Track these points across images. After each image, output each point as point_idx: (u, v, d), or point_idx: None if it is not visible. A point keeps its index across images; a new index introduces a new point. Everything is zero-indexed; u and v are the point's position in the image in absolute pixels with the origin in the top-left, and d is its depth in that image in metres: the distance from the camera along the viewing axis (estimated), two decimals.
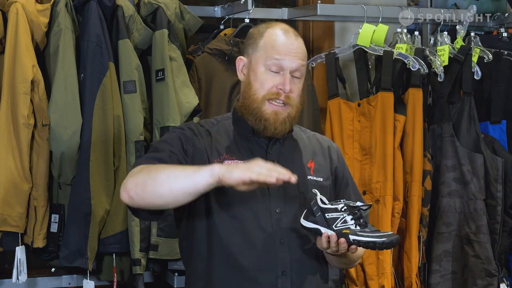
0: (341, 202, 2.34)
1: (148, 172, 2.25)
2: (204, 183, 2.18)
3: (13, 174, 3.11)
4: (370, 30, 3.64)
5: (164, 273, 3.44)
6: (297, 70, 2.42)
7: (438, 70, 3.65)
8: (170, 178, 2.21)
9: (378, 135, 3.55)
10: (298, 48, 2.44)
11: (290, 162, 2.46)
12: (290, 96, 2.40)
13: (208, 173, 2.17)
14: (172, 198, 2.23)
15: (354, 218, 2.32)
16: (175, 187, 2.20)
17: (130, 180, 2.27)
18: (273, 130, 2.41)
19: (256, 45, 2.44)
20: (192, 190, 2.20)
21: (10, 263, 3.23)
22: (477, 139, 3.64)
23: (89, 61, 3.17)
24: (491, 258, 3.60)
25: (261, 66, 2.41)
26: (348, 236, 2.29)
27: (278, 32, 2.44)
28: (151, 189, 2.22)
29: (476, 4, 3.97)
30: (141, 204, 2.27)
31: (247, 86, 2.44)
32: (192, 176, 2.19)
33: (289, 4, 4.14)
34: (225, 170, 2.15)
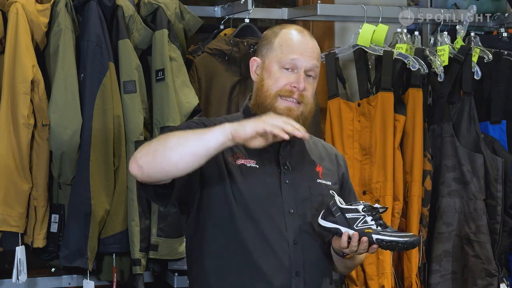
0: (361, 203, 2.38)
1: (157, 140, 2.24)
2: (215, 142, 2.17)
3: (13, 174, 3.11)
4: (370, 30, 3.64)
5: (164, 273, 3.44)
6: (312, 70, 2.42)
7: (438, 70, 3.65)
8: (180, 141, 2.19)
9: (378, 135, 3.55)
10: (314, 48, 2.44)
11: (301, 165, 2.47)
12: (304, 94, 2.39)
13: (220, 132, 2.16)
14: (183, 163, 2.19)
15: (374, 219, 2.35)
16: (186, 150, 2.18)
17: (140, 149, 2.26)
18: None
19: (271, 45, 2.43)
20: (203, 151, 2.18)
21: (10, 263, 3.23)
22: (477, 139, 3.64)
23: (89, 61, 3.17)
24: (491, 258, 3.60)
25: (275, 65, 2.41)
26: (371, 235, 2.33)
27: (293, 32, 2.44)
28: (161, 154, 2.19)
29: (476, 4, 3.97)
30: (151, 174, 2.23)
31: (260, 84, 2.43)
32: (203, 136, 2.18)
33: (289, 4, 4.14)
34: (237, 126, 2.15)
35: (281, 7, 3.94)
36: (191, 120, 2.54)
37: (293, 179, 2.43)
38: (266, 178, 2.40)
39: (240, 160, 2.39)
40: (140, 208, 3.21)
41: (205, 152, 2.19)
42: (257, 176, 2.39)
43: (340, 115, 3.61)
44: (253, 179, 2.38)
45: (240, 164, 2.39)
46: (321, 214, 2.40)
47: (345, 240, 2.34)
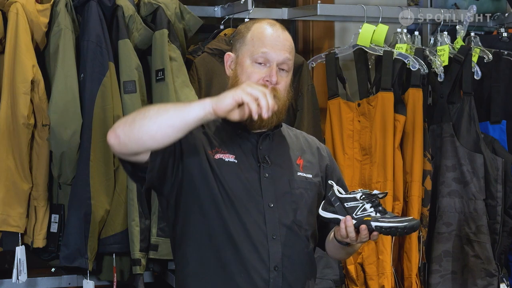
0: (359, 191, 2.38)
1: (137, 112, 2.25)
2: (194, 116, 2.18)
3: (13, 174, 3.11)
4: (370, 30, 3.64)
5: (164, 273, 3.44)
6: (284, 63, 2.41)
7: (438, 70, 3.66)
8: (160, 112, 2.19)
9: (378, 135, 3.55)
10: (285, 41, 2.43)
11: (281, 158, 2.47)
12: (276, 88, 2.39)
13: (200, 107, 2.18)
14: (161, 133, 2.20)
15: (373, 206, 2.36)
16: (165, 121, 2.19)
17: (119, 122, 2.26)
18: (259, 123, 2.39)
19: (244, 40, 2.45)
20: (182, 124, 2.19)
21: (10, 263, 3.24)
22: (477, 139, 3.64)
23: (89, 61, 3.17)
24: (491, 258, 3.60)
25: (248, 59, 2.41)
26: (370, 223, 2.33)
27: (264, 26, 2.44)
28: (139, 124, 2.20)
29: (476, 4, 3.97)
30: (127, 144, 2.23)
31: (234, 80, 2.43)
32: (183, 109, 2.19)
33: (289, 4, 4.14)
34: (216, 99, 2.17)
35: (281, 7, 3.94)
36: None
37: (272, 173, 2.43)
38: (245, 173, 2.40)
39: (218, 155, 2.40)
40: (140, 208, 3.21)
41: (184, 125, 2.20)
42: (236, 171, 2.39)
43: (340, 115, 3.62)
44: (231, 174, 2.38)
45: (218, 159, 2.39)
46: (321, 205, 2.41)
47: (343, 228, 2.34)
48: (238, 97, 2.17)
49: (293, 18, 3.89)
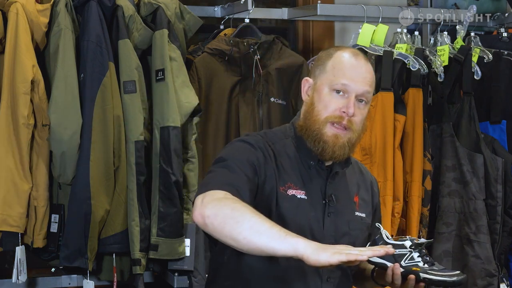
0: (407, 238, 2.39)
1: (232, 210, 2.11)
2: (283, 253, 2.05)
3: (13, 174, 3.11)
4: (370, 30, 3.64)
5: (164, 273, 3.44)
6: (363, 95, 2.35)
7: (438, 70, 3.66)
8: (252, 230, 2.07)
9: (378, 135, 3.55)
10: (367, 73, 2.37)
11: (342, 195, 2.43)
12: (352, 120, 2.33)
13: (292, 248, 2.03)
14: (246, 248, 2.10)
15: (420, 255, 2.38)
16: (253, 241, 2.07)
17: (211, 206, 2.13)
18: (331, 153, 2.34)
19: (324, 67, 2.38)
20: (268, 251, 2.07)
21: (10, 263, 3.24)
22: (477, 139, 3.64)
23: (89, 61, 3.17)
24: (491, 258, 3.60)
25: (326, 88, 2.35)
26: (419, 274, 2.35)
27: (347, 55, 2.37)
28: (229, 229, 2.09)
29: (476, 4, 3.97)
30: (210, 233, 2.15)
31: (310, 107, 2.37)
32: (275, 240, 2.05)
33: (289, 4, 4.14)
34: (311, 252, 2.01)
35: (281, 7, 3.94)
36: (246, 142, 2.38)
37: (335, 212, 2.39)
38: (312, 211, 2.35)
39: (291, 191, 2.34)
40: (140, 208, 3.21)
41: (270, 253, 2.08)
42: (304, 209, 2.33)
43: None
44: (300, 211, 2.33)
45: (291, 195, 2.33)
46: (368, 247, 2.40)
47: (390, 275, 2.35)
48: (334, 260, 1.99)
49: (293, 18, 3.89)
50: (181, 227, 3.28)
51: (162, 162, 3.22)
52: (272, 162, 2.33)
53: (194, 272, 3.34)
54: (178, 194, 3.24)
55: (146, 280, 3.39)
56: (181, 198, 3.26)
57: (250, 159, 2.29)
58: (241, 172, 2.25)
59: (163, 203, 3.22)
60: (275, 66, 3.57)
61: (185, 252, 3.29)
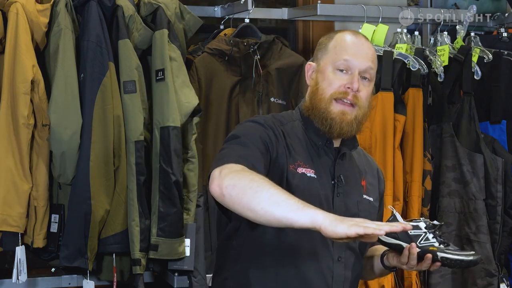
0: (421, 220, 2.41)
1: (250, 181, 2.12)
2: (301, 224, 2.06)
3: (13, 174, 3.11)
4: (370, 30, 3.64)
5: (164, 273, 3.44)
6: (366, 72, 2.38)
7: (438, 70, 3.66)
8: (271, 201, 2.08)
9: (378, 135, 3.55)
10: (369, 50, 2.41)
11: (350, 177, 2.44)
12: (358, 96, 2.35)
13: (310, 219, 2.04)
14: (263, 218, 2.10)
15: (435, 236, 2.39)
16: (272, 212, 2.07)
17: (230, 177, 2.14)
18: (338, 130, 2.35)
19: (326, 49, 2.41)
20: (286, 223, 2.08)
21: (10, 263, 3.24)
22: (477, 139, 3.64)
23: (89, 61, 3.17)
24: (491, 258, 3.60)
25: (330, 67, 2.37)
26: (437, 254, 2.36)
27: (348, 34, 2.42)
28: (247, 200, 2.10)
29: (476, 4, 3.97)
30: (228, 205, 2.16)
31: (315, 87, 2.40)
32: (293, 211, 2.06)
33: (289, 4, 4.14)
34: (329, 223, 2.01)
35: (281, 7, 3.94)
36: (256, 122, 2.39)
37: (344, 193, 2.41)
38: (321, 190, 2.36)
39: (301, 169, 2.35)
40: (140, 208, 3.21)
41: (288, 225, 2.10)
42: (314, 187, 2.34)
43: None
44: (310, 190, 2.34)
45: (301, 173, 2.34)
46: None
47: (406, 255, 2.36)
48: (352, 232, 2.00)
49: (293, 18, 3.89)
50: (181, 227, 3.28)
51: (162, 162, 3.22)
52: (282, 140, 2.35)
53: (194, 272, 3.34)
54: (178, 194, 3.24)
55: (146, 280, 3.39)
56: (181, 198, 3.26)
57: (262, 136, 2.31)
58: (254, 148, 2.26)
59: (163, 203, 3.22)
60: (275, 66, 3.57)
61: (185, 252, 3.29)
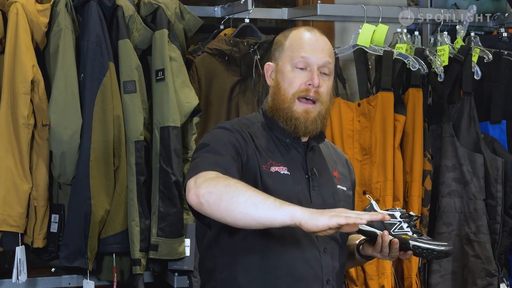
0: (397, 210, 2.43)
1: (225, 186, 2.13)
2: (281, 222, 2.07)
3: (13, 174, 3.11)
4: (370, 30, 3.64)
5: (164, 273, 3.44)
6: (325, 66, 2.39)
7: (438, 70, 3.66)
8: (248, 204, 2.09)
9: (378, 135, 3.55)
10: (325, 45, 2.41)
11: (323, 170, 2.45)
12: (319, 91, 2.36)
13: (289, 215, 2.06)
14: (243, 222, 2.12)
15: (409, 226, 2.41)
16: (251, 214, 2.09)
17: (205, 185, 2.15)
18: (304, 129, 2.37)
19: (282, 47, 2.42)
20: (266, 223, 2.10)
21: (10, 263, 3.24)
22: (477, 139, 3.64)
23: (89, 61, 3.17)
24: (491, 258, 3.60)
25: (288, 66, 2.38)
26: (409, 242, 2.38)
27: (302, 31, 2.43)
28: (225, 205, 2.11)
29: (476, 4, 3.97)
30: (206, 213, 2.17)
31: (276, 87, 2.40)
32: (272, 210, 2.08)
33: (289, 4, 4.14)
34: (308, 217, 2.04)
35: (281, 7, 3.94)
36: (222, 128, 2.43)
37: (319, 186, 2.42)
38: (297, 185, 2.37)
39: (274, 168, 2.36)
40: (140, 208, 3.21)
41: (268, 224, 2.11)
42: (289, 184, 2.36)
43: (340, 115, 3.61)
44: (285, 186, 2.35)
45: (275, 172, 2.36)
46: None
47: (379, 243, 2.38)
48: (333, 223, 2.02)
49: (293, 18, 3.89)
50: (181, 227, 3.28)
51: (162, 162, 3.22)
52: (251, 142, 2.37)
53: (194, 272, 3.34)
54: (178, 194, 3.24)
55: (146, 280, 3.39)
56: (181, 198, 3.26)
57: (231, 141, 2.33)
58: (225, 154, 2.28)
59: (163, 203, 3.22)
60: None
61: (185, 252, 3.30)
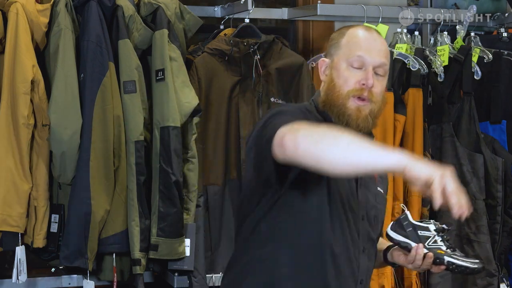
0: (431, 222, 2.42)
1: (324, 130, 2.12)
2: (385, 165, 2.05)
3: (13, 174, 3.11)
4: None
5: (164, 273, 3.44)
6: (380, 67, 2.37)
7: (438, 70, 3.66)
8: (351, 146, 2.06)
9: (378, 135, 3.55)
10: (382, 46, 2.40)
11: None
12: (373, 91, 2.35)
13: (394, 159, 2.03)
14: (343, 166, 2.07)
15: (443, 240, 2.41)
16: (354, 157, 2.05)
17: (302, 131, 2.11)
18: (355, 126, 2.35)
19: (339, 45, 2.42)
20: (369, 167, 2.07)
21: (10, 263, 3.24)
22: (477, 139, 3.64)
23: (89, 61, 3.17)
24: (491, 258, 3.60)
25: (344, 63, 2.38)
26: (444, 257, 2.38)
27: (360, 30, 2.42)
28: (326, 147, 2.07)
29: (476, 4, 3.96)
30: (301, 158, 2.10)
31: (330, 83, 2.40)
32: (377, 154, 2.05)
33: (289, 4, 4.13)
34: (414, 163, 2.00)
35: (281, 7, 3.93)
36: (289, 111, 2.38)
37: (365, 184, 2.42)
38: (347, 180, 2.36)
39: None
40: (140, 208, 3.21)
41: (369, 170, 2.09)
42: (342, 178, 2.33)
43: None
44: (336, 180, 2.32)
45: None
46: (391, 226, 2.42)
47: (413, 255, 2.38)
48: (433, 178, 1.98)
49: (293, 18, 3.89)
50: (181, 227, 3.28)
51: (162, 162, 3.22)
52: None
53: (194, 272, 3.34)
54: (178, 194, 3.24)
55: (146, 280, 3.39)
56: (181, 198, 3.26)
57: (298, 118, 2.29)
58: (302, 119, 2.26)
59: (163, 203, 3.22)
60: (275, 66, 3.56)
61: (185, 252, 3.30)
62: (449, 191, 1.97)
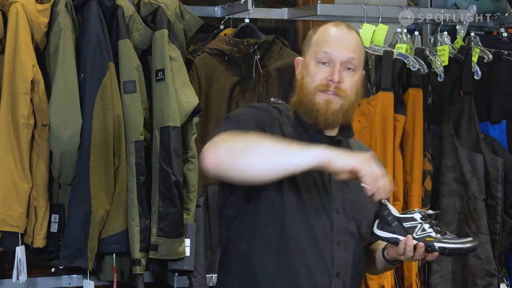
0: (416, 211, 2.40)
1: (245, 140, 2.14)
2: (306, 165, 2.09)
3: (13, 174, 3.11)
4: (370, 30, 3.64)
5: (164, 273, 3.44)
6: (348, 62, 2.36)
7: (438, 70, 3.66)
8: (271, 152, 2.09)
9: (378, 135, 3.55)
10: (350, 40, 2.39)
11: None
12: (340, 87, 2.35)
13: (315, 157, 2.08)
14: (267, 173, 2.11)
15: (431, 226, 2.38)
16: (274, 162, 2.09)
17: (222, 144, 2.14)
18: (323, 121, 2.35)
19: (310, 42, 2.42)
20: (291, 168, 2.10)
21: (10, 263, 3.24)
22: (477, 139, 3.64)
23: (89, 61, 3.17)
24: (491, 258, 3.60)
25: (313, 61, 2.38)
26: (433, 244, 2.35)
27: (329, 26, 2.42)
28: (246, 159, 2.10)
29: (476, 4, 3.96)
30: (224, 173, 2.15)
31: (300, 82, 2.41)
32: (296, 154, 2.09)
33: (289, 4, 4.14)
34: (336, 156, 2.08)
35: (281, 7, 3.94)
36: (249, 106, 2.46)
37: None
38: (318, 176, 2.36)
39: None
40: (140, 208, 3.21)
41: (293, 170, 2.11)
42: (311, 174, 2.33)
43: None
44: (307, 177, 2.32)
45: None
46: (376, 224, 2.40)
47: (402, 248, 2.36)
48: (358, 167, 2.08)
49: (293, 18, 3.89)
50: (181, 227, 3.28)
51: (162, 162, 3.22)
52: (277, 126, 2.36)
53: (194, 272, 3.34)
54: (178, 194, 3.24)
55: (146, 280, 3.39)
56: (181, 198, 3.26)
57: (255, 116, 2.34)
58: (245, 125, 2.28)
59: (163, 203, 3.22)
60: (275, 66, 3.57)
61: (185, 252, 3.30)
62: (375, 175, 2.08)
